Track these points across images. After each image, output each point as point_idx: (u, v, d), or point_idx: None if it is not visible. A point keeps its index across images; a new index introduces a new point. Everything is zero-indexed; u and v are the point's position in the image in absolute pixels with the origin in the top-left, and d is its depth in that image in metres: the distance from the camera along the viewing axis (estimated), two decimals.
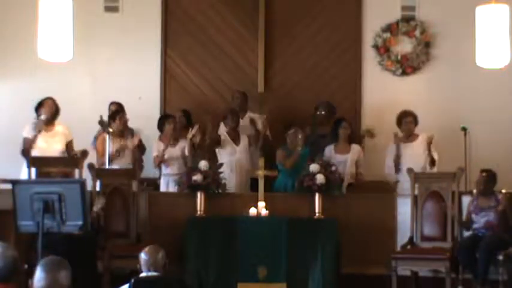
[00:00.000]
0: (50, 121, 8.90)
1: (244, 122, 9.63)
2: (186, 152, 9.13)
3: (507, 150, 9.66)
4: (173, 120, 9.29)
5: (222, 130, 9.50)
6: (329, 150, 9.19)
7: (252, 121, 9.52)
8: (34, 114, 8.91)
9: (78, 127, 9.18)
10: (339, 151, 9.22)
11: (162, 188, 9.16)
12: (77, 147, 8.93)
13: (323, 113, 9.62)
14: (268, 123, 9.55)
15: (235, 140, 9.38)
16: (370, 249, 8.24)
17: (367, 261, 8.19)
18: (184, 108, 9.85)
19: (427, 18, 10.23)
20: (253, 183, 9.09)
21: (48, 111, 8.87)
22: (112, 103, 9.51)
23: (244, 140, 9.41)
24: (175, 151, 9.16)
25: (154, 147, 9.23)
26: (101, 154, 8.99)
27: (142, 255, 5.36)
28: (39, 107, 8.91)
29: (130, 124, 9.25)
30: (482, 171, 8.17)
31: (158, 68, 10.26)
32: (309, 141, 9.24)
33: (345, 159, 9.15)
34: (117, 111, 9.19)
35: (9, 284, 3.89)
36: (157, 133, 9.40)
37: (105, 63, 10.13)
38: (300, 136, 9.05)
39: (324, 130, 9.53)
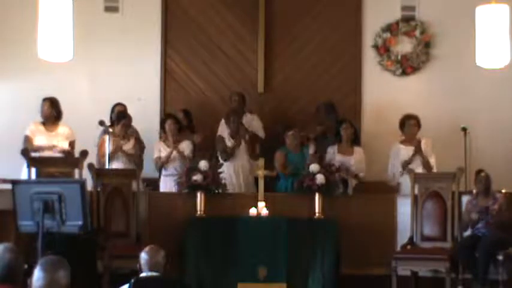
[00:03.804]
0: (52, 121, 8.92)
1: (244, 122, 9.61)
2: (186, 153, 9.10)
3: (507, 150, 9.66)
4: (174, 119, 9.28)
5: (224, 130, 9.48)
6: (332, 151, 9.18)
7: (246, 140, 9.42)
8: (35, 114, 8.96)
9: (78, 127, 9.17)
10: (341, 152, 9.19)
11: (162, 189, 9.15)
12: (77, 147, 8.93)
13: (322, 112, 9.63)
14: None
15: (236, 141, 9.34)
16: (370, 249, 8.24)
17: (367, 261, 8.20)
18: (185, 108, 9.85)
19: (427, 18, 10.23)
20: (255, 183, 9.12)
21: (46, 114, 8.88)
22: (117, 104, 9.48)
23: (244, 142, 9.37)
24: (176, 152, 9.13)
25: (155, 148, 9.20)
26: (101, 155, 8.99)
27: (143, 255, 5.36)
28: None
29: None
30: (479, 171, 8.16)
31: (158, 68, 10.26)
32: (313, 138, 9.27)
33: (347, 161, 9.13)
34: (122, 117, 9.17)
35: (9, 284, 3.89)
36: (157, 133, 9.39)
37: (105, 63, 10.12)
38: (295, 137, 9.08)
39: (327, 129, 9.52)
